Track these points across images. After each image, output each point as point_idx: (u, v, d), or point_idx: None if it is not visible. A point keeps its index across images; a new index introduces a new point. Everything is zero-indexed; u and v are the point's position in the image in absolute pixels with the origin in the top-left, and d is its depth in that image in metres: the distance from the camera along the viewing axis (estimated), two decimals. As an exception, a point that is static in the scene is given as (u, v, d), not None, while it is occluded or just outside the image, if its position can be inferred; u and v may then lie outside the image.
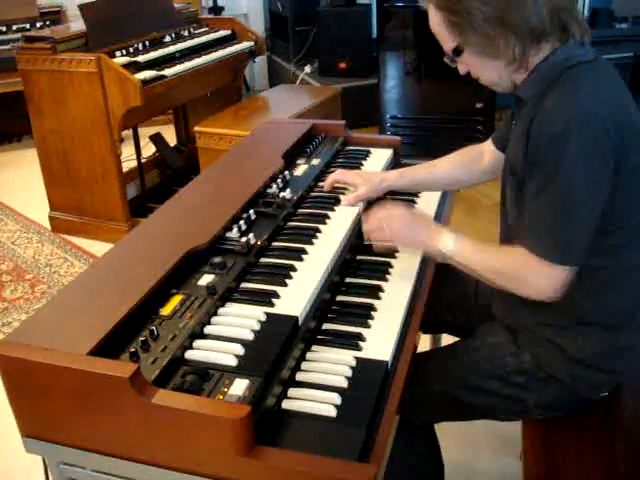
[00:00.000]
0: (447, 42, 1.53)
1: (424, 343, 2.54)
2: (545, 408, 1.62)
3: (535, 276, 1.46)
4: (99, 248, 3.83)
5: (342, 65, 5.54)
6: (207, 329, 1.39)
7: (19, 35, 4.23)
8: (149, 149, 4.61)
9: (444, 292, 1.88)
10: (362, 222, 1.75)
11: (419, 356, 1.67)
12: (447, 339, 2.37)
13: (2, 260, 3.90)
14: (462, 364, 1.64)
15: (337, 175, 1.99)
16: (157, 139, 4.49)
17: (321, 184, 2.05)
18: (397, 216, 1.67)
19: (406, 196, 2.07)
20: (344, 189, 1.99)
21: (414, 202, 2.09)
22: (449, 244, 1.58)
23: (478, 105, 4.59)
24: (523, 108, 1.53)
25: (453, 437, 2.44)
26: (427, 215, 1.90)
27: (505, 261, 1.53)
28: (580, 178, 1.37)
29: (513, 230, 1.59)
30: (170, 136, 4.88)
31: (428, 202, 2.10)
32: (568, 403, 1.63)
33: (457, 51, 1.52)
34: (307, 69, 5.75)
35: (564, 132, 1.36)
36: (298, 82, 5.65)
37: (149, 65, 3.73)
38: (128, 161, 4.39)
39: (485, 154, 1.91)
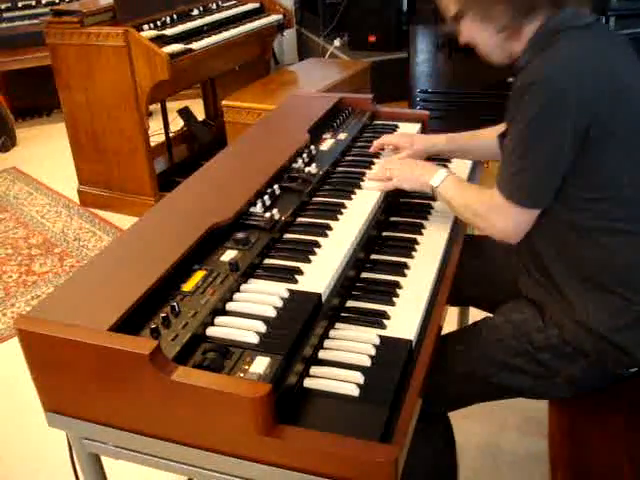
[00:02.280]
0: (451, 7, 1.58)
1: (452, 315, 2.52)
2: (574, 384, 1.59)
3: (498, 215, 1.55)
4: (127, 222, 3.84)
5: (372, 39, 5.45)
6: (229, 305, 1.37)
7: (48, 9, 4.22)
8: (177, 123, 4.61)
9: (470, 266, 1.85)
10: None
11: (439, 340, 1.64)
12: (474, 311, 2.35)
13: (31, 234, 3.93)
14: (487, 343, 1.61)
15: (384, 138, 2.05)
16: (185, 113, 4.48)
17: (348, 158, 2.02)
18: (400, 159, 1.91)
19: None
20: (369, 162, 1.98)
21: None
22: (438, 180, 1.72)
23: (509, 79, 4.49)
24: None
25: (480, 416, 2.43)
26: (424, 161, 1.92)
27: (478, 199, 1.64)
28: (535, 132, 1.43)
29: None
30: (199, 110, 4.86)
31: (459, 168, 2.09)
32: (597, 379, 1.60)
33: (458, 16, 1.57)
34: (336, 42, 5.68)
35: (529, 86, 1.42)
36: (327, 56, 5.59)
37: (177, 39, 3.72)
38: (156, 135, 4.40)
39: None
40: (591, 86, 1.40)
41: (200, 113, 4.86)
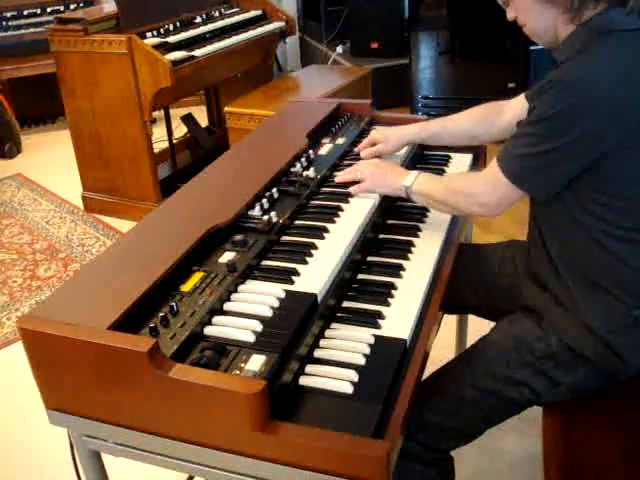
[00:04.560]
0: None
1: (451, 324, 2.54)
2: (577, 390, 1.60)
3: (485, 186, 1.57)
4: (130, 227, 3.86)
5: (374, 45, 5.51)
6: (226, 306, 1.40)
7: (53, 17, 4.26)
8: (181, 130, 4.64)
9: (466, 272, 1.87)
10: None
11: (441, 369, 1.67)
12: (472, 320, 2.37)
13: (36, 239, 3.97)
14: (490, 361, 1.61)
15: (364, 141, 2.08)
16: (188, 120, 4.51)
17: (346, 163, 2.05)
18: (372, 163, 1.89)
19: (437, 165, 2.14)
20: None
21: (444, 170, 2.12)
22: (410, 179, 1.75)
23: (510, 85, 4.53)
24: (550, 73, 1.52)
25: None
26: (397, 165, 1.94)
27: (458, 178, 1.72)
28: (552, 129, 1.42)
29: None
30: (202, 117, 4.90)
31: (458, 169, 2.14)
32: (597, 383, 1.61)
33: None
34: (339, 49, 5.72)
35: (558, 83, 1.41)
36: (330, 62, 5.63)
37: (179, 46, 3.76)
38: (160, 142, 4.43)
39: (507, 111, 1.91)
40: (621, 101, 1.38)
41: (203, 120, 4.90)
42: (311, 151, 2.05)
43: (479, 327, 1.85)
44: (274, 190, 1.79)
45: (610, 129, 1.40)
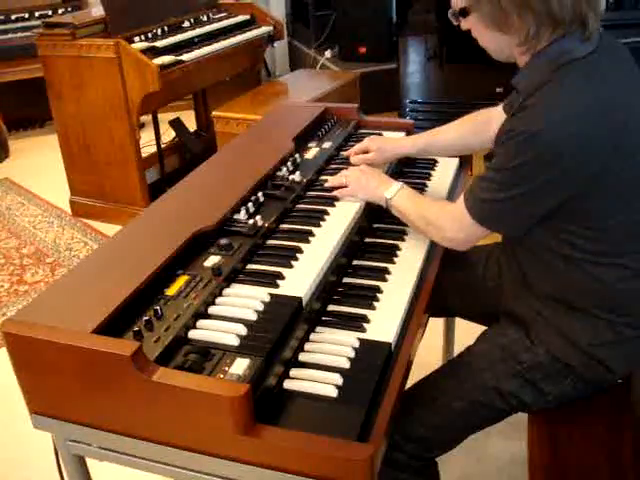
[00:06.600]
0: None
1: (438, 327, 2.55)
2: (564, 398, 1.61)
3: (453, 223, 1.59)
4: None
5: (362, 50, 5.51)
6: (211, 309, 1.40)
7: (41, 22, 4.25)
8: (169, 134, 4.63)
9: (451, 275, 1.88)
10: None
11: (427, 380, 1.67)
12: (460, 323, 2.37)
13: (23, 244, 3.95)
14: (478, 372, 1.61)
15: (356, 146, 2.08)
16: (177, 124, 4.51)
17: (332, 167, 2.05)
18: (359, 169, 1.90)
19: (423, 169, 2.15)
20: None
21: (430, 175, 2.14)
22: (391, 192, 1.75)
23: (498, 90, 4.54)
24: (516, 96, 1.53)
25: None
26: (382, 173, 1.93)
27: (431, 208, 1.68)
28: (516, 177, 1.41)
29: None
30: (190, 121, 4.89)
31: (443, 176, 2.15)
32: (584, 392, 1.61)
33: (464, 12, 1.50)
34: (327, 54, 5.73)
35: (521, 134, 1.38)
36: (318, 67, 5.64)
37: (167, 50, 3.76)
38: (148, 146, 4.42)
39: (495, 118, 1.88)
40: (586, 150, 1.35)
41: (192, 124, 4.90)
42: (297, 155, 2.05)
43: (466, 330, 1.84)
44: (260, 194, 1.79)
45: (575, 173, 1.38)
